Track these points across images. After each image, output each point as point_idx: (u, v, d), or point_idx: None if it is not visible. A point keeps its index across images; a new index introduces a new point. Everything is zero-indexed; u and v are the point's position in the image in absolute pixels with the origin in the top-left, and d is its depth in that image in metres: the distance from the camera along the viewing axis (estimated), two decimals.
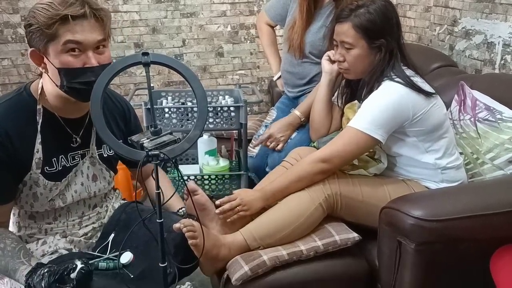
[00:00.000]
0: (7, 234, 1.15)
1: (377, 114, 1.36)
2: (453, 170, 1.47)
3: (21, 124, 1.15)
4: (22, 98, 1.18)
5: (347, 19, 1.42)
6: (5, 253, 1.10)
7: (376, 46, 1.42)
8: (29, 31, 1.09)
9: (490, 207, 1.23)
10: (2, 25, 2.57)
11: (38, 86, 1.19)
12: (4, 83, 2.67)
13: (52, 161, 1.20)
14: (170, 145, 0.99)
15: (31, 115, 1.17)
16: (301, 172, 1.40)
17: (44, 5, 1.07)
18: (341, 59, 1.49)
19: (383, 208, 1.30)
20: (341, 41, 1.46)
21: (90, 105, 0.98)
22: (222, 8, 2.80)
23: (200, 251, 1.19)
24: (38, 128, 1.17)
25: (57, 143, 1.21)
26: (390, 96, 1.37)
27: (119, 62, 1.00)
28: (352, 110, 1.57)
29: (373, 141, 1.37)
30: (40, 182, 1.18)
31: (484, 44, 2.02)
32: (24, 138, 1.15)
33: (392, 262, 1.27)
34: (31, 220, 1.25)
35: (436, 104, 1.42)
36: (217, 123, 1.80)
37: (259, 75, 2.97)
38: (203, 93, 1.04)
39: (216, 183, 1.92)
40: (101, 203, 1.36)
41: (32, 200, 1.20)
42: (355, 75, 1.51)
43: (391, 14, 1.43)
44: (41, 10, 1.07)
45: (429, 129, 1.41)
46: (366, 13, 1.40)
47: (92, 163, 1.29)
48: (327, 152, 1.40)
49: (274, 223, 1.36)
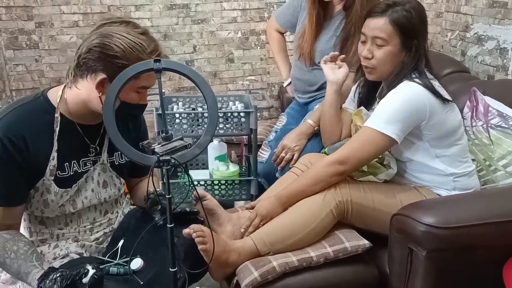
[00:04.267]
0: (20, 237, 1.17)
1: (393, 113, 1.34)
2: (465, 178, 1.45)
3: (37, 129, 1.16)
4: (40, 104, 1.19)
5: (384, 14, 1.38)
6: (17, 256, 1.11)
7: (408, 46, 1.38)
8: (105, 60, 1.11)
9: (503, 215, 1.22)
10: (17, 31, 2.62)
11: (58, 94, 1.20)
12: (18, 89, 2.71)
13: (65, 165, 1.21)
14: (181, 151, 1.00)
15: (48, 121, 1.18)
16: (317, 175, 1.39)
17: (137, 46, 1.11)
18: (369, 56, 1.43)
19: (394, 215, 1.29)
20: (374, 36, 1.40)
21: (103, 111, 0.99)
22: (233, 15, 2.81)
23: (210, 256, 1.20)
24: (54, 136, 1.18)
25: (72, 149, 1.22)
26: (407, 94, 1.35)
27: (131, 69, 1.01)
28: (359, 117, 1.56)
29: (389, 140, 1.35)
30: (52, 189, 1.20)
31: (497, 49, 2.00)
32: (40, 144, 1.16)
33: (403, 270, 1.26)
34: (42, 225, 1.25)
35: (452, 111, 1.40)
36: (227, 129, 1.81)
37: (269, 80, 2.97)
38: (214, 99, 1.04)
39: (226, 188, 1.92)
40: (112, 209, 1.36)
41: (43, 207, 1.22)
42: (380, 74, 1.45)
43: (425, 16, 1.42)
44: (134, 50, 1.10)
45: (442, 134, 1.39)
46: (404, 11, 1.37)
47: (103, 170, 1.30)
48: (344, 153, 1.39)
49: (285, 229, 1.36)
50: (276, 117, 2.64)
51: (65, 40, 2.67)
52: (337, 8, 1.91)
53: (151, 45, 1.15)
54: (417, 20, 1.38)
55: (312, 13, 1.90)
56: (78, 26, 2.65)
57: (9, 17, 2.59)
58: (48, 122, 1.18)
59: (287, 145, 1.84)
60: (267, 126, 2.41)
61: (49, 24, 2.64)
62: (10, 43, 2.63)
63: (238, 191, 1.93)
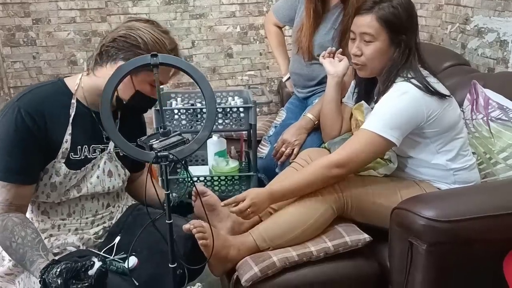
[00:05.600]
0: (28, 224, 1.16)
1: (391, 117, 1.34)
2: (465, 172, 1.45)
3: (56, 110, 1.21)
4: (59, 87, 1.25)
5: (370, 11, 1.38)
6: (24, 242, 1.11)
7: (397, 41, 1.38)
8: (130, 50, 1.18)
9: (503, 208, 1.21)
10: (14, 28, 2.61)
11: (76, 82, 1.26)
12: (16, 86, 2.70)
13: (77, 148, 1.24)
14: (179, 146, 1.00)
15: (66, 104, 1.23)
16: (314, 176, 1.37)
17: (160, 42, 1.20)
18: (358, 53, 1.43)
19: (394, 208, 1.28)
20: (361, 33, 1.40)
21: (100, 106, 0.99)
22: (231, 9, 2.80)
23: (209, 252, 1.19)
24: (70, 120, 1.22)
25: (86, 135, 1.26)
26: (405, 99, 1.34)
27: (128, 64, 1.01)
28: (359, 111, 1.55)
29: (388, 143, 1.35)
30: (61, 171, 1.22)
31: (497, 42, 1.99)
32: (57, 125, 1.20)
33: (403, 263, 1.26)
34: (45, 215, 1.26)
35: (450, 106, 1.40)
36: (227, 124, 1.80)
37: (269, 75, 2.96)
38: (212, 94, 1.04)
39: (226, 184, 1.91)
40: (114, 202, 1.37)
41: (50, 190, 1.23)
42: (370, 71, 1.45)
43: (413, 11, 1.41)
44: (156, 44, 1.19)
45: (442, 130, 1.39)
46: (390, 7, 1.37)
47: (109, 159, 1.32)
48: (342, 157, 1.36)
49: (284, 224, 1.35)
50: (276, 112, 2.63)
51: (63, 37, 2.66)
52: (334, 1, 1.90)
53: (172, 44, 1.24)
54: (404, 15, 1.38)
55: (310, 7, 1.90)
56: (75, 22, 2.64)
57: (6, 13, 2.58)
58: (65, 105, 1.23)
59: (287, 140, 1.83)
60: (266, 121, 2.41)
61: (46, 20, 2.63)
62: (7, 40, 2.62)
63: (238, 186, 1.92)
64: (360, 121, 1.51)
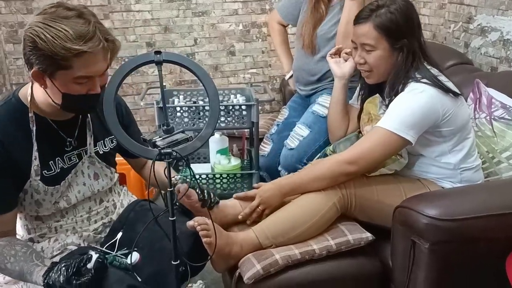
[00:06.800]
0: (16, 241, 1.16)
1: (407, 115, 1.32)
2: (471, 172, 1.44)
3: (14, 131, 1.13)
4: (13, 106, 1.16)
5: (368, 20, 1.38)
6: (17, 259, 1.10)
7: (398, 47, 1.38)
8: (35, 53, 1.04)
9: (506, 207, 1.21)
10: (16, 25, 2.60)
11: (28, 92, 1.16)
12: (18, 83, 2.70)
13: (50, 164, 1.19)
14: (182, 144, 1.00)
15: (24, 123, 1.15)
16: (324, 171, 1.37)
17: (59, 34, 1.02)
18: (361, 61, 1.44)
19: (397, 207, 1.28)
20: (361, 43, 1.41)
21: (104, 105, 0.98)
22: (234, 7, 2.79)
23: (213, 249, 1.20)
24: (33, 136, 1.15)
25: (52, 147, 1.20)
26: (419, 97, 1.33)
27: (132, 61, 1.01)
28: (373, 104, 1.53)
29: (403, 142, 1.33)
30: (40, 189, 1.18)
31: (500, 41, 1.98)
32: (19, 146, 1.14)
33: (406, 262, 1.26)
34: (39, 221, 1.24)
35: (462, 104, 1.39)
36: (229, 122, 1.80)
37: (271, 73, 2.96)
38: (215, 91, 1.04)
39: (228, 182, 1.92)
40: (107, 197, 1.36)
41: (36, 207, 1.21)
42: (378, 77, 1.45)
43: (412, 14, 1.40)
44: (56, 38, 1.02)
45: (456, 129, 1.38)
46: (388, 13, 1.36)
47: (92, 162, 1.28)
48: (354, 153, 1.36)
49: (287, 222, 1.35)
50: (278, 110, 2.63)
51: None
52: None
53: (79, 29, 1.04)
54: (402, 20, 1.37)
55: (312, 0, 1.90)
56: None
57: (9, 10, 2.57)
58: (23, 123, 1.15)
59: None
60: (268, 119, 2.41)
61: None
62: (9, 37, 2.62)
63: (240, 184, 1.93)
64: (373, 115, 1.50)
